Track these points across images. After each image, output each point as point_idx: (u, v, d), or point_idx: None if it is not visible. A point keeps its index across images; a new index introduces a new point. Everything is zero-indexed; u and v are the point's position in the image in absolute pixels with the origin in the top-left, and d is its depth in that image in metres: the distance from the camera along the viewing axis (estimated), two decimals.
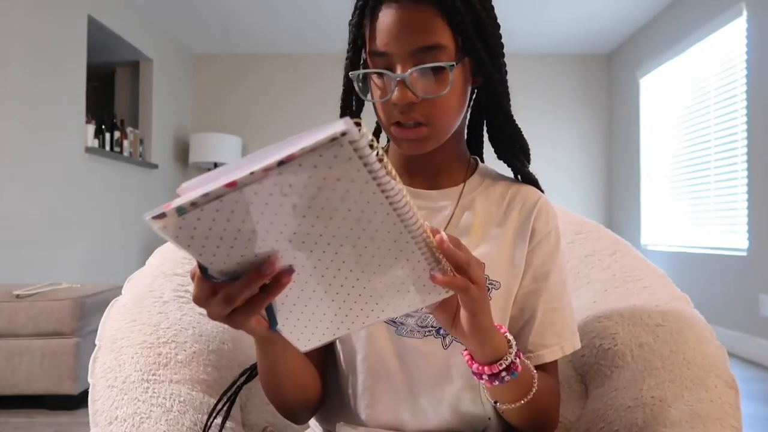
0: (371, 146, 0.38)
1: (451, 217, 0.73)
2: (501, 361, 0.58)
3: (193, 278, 0.46)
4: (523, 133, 0.76)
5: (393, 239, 0.45)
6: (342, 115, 0.78)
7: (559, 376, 0.89)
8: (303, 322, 0.50)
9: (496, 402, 0.65)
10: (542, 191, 0.78)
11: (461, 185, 0.76)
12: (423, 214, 0.73)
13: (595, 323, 0.89)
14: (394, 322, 0.70)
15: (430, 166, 0.75)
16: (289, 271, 0.44)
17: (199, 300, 0.46)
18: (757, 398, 2.58)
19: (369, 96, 0.69)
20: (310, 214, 0.41)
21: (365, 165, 0.39)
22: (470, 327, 0.55)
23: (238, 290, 0.43)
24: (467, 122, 0.79)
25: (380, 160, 0.39)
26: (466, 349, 0.61)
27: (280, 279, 0.44)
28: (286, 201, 0.39)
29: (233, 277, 0.44)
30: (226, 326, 0.87)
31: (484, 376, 0.59)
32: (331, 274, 0.46)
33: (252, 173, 0.36)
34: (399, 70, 0.63)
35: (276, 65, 5.56)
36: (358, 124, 0.37)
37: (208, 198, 0.37)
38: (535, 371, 0.65)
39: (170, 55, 5.12)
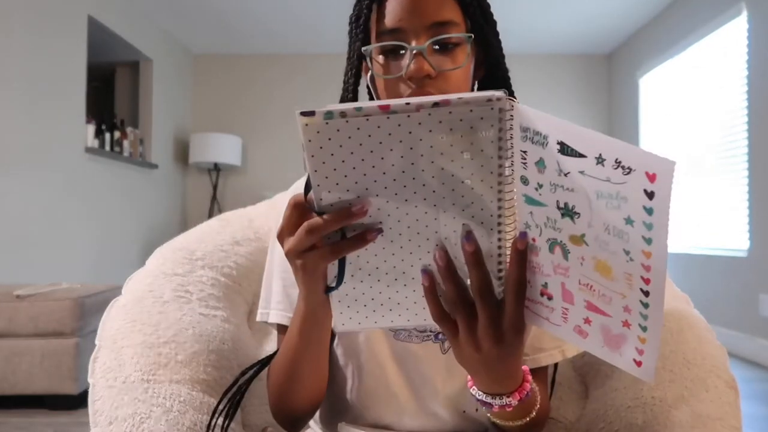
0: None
1: None
2: (506, 398, 0.54)
3: (290, 207, 0.47)
4: None
5: (480, 220, 0.45)
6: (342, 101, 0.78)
7: (560, 376, 0.89)
8: (356, 295, 0.50)
9: (488, 415, 0.62)
10: None
11: None
12: None
13: None
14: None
15: None
16: (377, 230, 0.45)
17: (284, 228, 0.48)
18: (757, 398, 2.58)
19: (381, 72, 0.66)
20: (429, 169, 0.43)
21: (500, 139, 0.41)
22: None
23: (324, 223, 0.44)
24: None
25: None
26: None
27: (365, 234, 0.45)
28: (419, 146, 0.42)
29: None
30: (226, 326, 0.88)
31: (477, 399, 0.56)
32: (408, 249, 0.47)
33: (407, 104, 0.39)
34: (414, 44, 0.63)
35: (276, 65, 5.56)
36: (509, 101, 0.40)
37: (358, 113, 0.39)
38: (538, 393, 0.62)
39: (170, 55, 5.12)
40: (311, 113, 0.39)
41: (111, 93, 4.97)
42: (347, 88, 0.72)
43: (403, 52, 0.64)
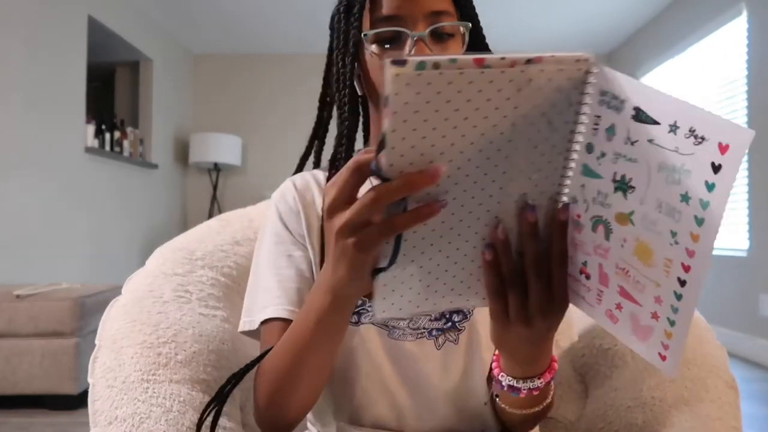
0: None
1: None
2: (527, 380, 0.56)
3: (350, 171, 0.42)
4: None
5: (541, 190, 0.44)
6: (323, 105, 0.78)
7: (560, 376, 0.89)
8: (404, 277, 0.46)
9: (503, 404, 0.64)
10: None
11: None
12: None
13: (595, 323, 0.89)
14: (386, 325, 0.70)
15: None
16: (441, 203, 0.42)
17: (338, 198, 0.43)
18: (757, 398, 2.58)
19: (378, 59, 0.66)
20: (507, 133, 0.41)
21: (578, 103, 0.40)
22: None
23: (393, 189, 0.40)
24: None
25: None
26: (495, 352, 0.60)
27: (432, 206, 0.40)
28: (504, 106, 0.39)
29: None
30: (226, 326, 0.87)
31: (503, 384, 0.58)
32: (467, 222, 0.45)
33: (502, 58, 0.37)
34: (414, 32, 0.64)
35: (276, 65, 5.56)
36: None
37: (452, 65, 0.36)
38: (553, 383, 0.63)
39: (170, 55, 5.12)
40: (402, 62, 0.35)
41: (111, 93, 4.97)
42: (343, 76, 0.70)
43: (400, 39, 0.65)
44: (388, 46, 0.66)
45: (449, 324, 0.70)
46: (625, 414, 0.76)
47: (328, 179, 0.72)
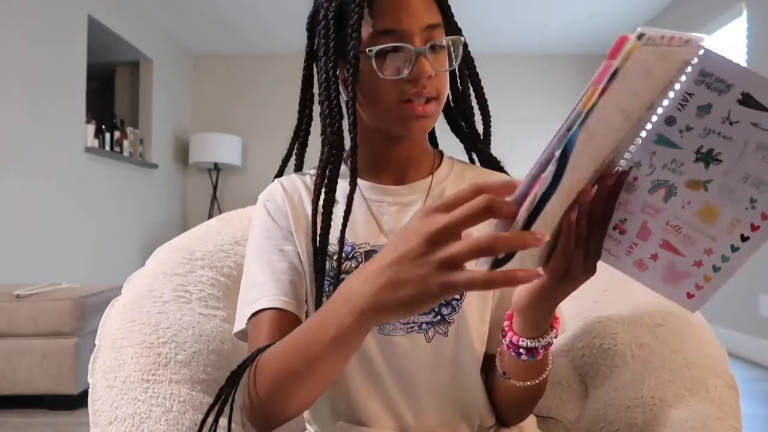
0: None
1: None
2: (543, 336, 0.60)
3: (478, 209, 0.40)
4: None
5: (617, 155, 0.46)
6: (304, 107, 0.79)
7: (560, 376, 0.89)
8: None
9: (512, 379, 0.66)
10: (508, 174, 0.82)
11: (429, 177, 0.77)
12: (393, 210, 0.74)
13: (595, 323, 0.89)
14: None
15: (400, 160, 0.76)
16: (539, 275, 0.47)
17: (451, 227, 0.40)
18: (757, 398, 2.58)
19: (382, 74, 0.67)
20: (651, 111, 0.43)
21: (671, 79, 0.42)
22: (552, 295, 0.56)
23: (512, 242, 0.39)
24: None
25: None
26: (509, 314, 0.63)
27: (528, 274, 0.40)
28: (674, 86, 0.42)
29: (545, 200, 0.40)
30: (226, 326, 0.87)
31: (521, 350, 0.61)
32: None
33: (687, 41, 0.39)
34: (414, 46, 0.66)
35: (276, 65, 5.56)
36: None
37: (662, 42, 0.38)
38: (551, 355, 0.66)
39: (170, 55, 5.12)
40: (641, 36, 0.35)
41: (111, 93, 4.96)
42: (335, 85, 0.70)
43: (399, 51, 0.66)
44: (385, 66, 0.67)
45: (438, 317, 0.70)
46: (625, 414, 0.76)
47: (317, 185, 0.72)
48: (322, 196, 0.71)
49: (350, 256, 0.71)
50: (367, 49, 0.67)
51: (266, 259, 0.71)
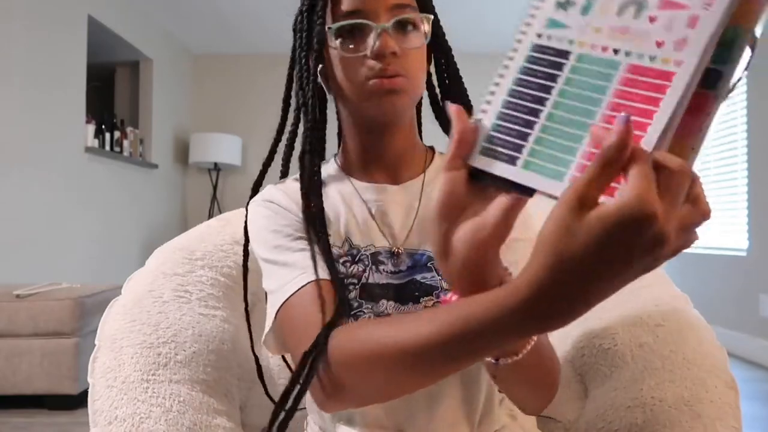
0: None
1: (418, 209, 0.73)
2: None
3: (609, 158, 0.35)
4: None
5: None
6: (287, 106, 0.81)
7: (559, 376, 0.89)
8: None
9: (496, 360, 0.55)
10: None
11: (422, 176, 0.76)
12: (393, 210, 0.74)
13: (595, 323, 0.89)
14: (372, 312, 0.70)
15: (390, 157, 0.75)
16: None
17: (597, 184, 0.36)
18: (757, 398, 2.58)
19: (341, 52, 0.68)
20: None
21: None
22: None
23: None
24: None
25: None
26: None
27: None
28: None
29: None
30: (225, 326, 0.87)
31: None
32: None
33: None
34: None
35: (276, 65, 5.53)
36: None
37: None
38: None
39: (170, 55, 5.12)
40: None
41: (111, 93, 4.96)
42: (306, 72, 0.71)
43: (363, 33, 0.67)
44: (351, 45, 0.67)
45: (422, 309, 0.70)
46: (625, 414, 0.76)
47: (302, 176, 0.73)
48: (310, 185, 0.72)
49: (356, 259, 0.71)
50: (327, 27, 0.68)
51: (284, 248, 0.68)
